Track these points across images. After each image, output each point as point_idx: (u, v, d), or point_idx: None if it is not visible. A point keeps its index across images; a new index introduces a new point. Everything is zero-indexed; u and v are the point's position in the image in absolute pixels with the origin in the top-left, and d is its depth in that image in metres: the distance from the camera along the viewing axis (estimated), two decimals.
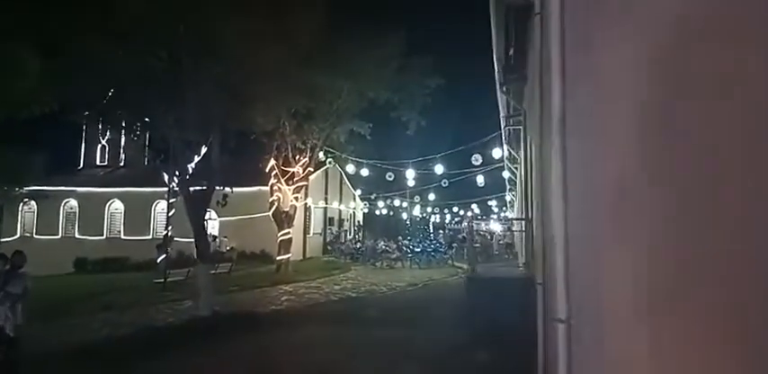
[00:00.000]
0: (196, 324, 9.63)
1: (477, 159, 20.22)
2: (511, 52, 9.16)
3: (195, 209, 10.63)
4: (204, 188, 10.75)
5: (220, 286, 15.69)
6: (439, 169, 23.01)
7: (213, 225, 29.78)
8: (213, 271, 19.09)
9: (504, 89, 11.64)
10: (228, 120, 11.27)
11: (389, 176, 26.78)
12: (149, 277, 17.65)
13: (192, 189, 10.76)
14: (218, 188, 11.55)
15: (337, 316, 10.95)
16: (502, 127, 16.64)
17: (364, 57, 18.20)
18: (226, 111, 11.02)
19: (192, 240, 12.00)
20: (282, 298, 13.94)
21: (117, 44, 9.93)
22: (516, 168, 21.68)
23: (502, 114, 15.15)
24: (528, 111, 10.82)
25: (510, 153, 18.78)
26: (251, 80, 10.89)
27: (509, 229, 30.32)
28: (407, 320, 9.82)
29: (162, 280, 16.37)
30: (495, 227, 51.68)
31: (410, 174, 24.88)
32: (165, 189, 17.60)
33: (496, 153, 18.76)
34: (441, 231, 39.58)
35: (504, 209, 50.90)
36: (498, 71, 10.88)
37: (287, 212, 21.81)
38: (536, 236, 7.56)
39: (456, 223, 54.45)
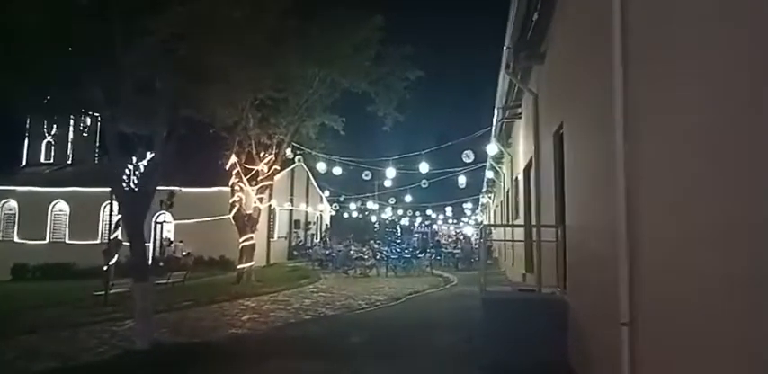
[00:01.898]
0: (128, 361, 7.41)
1: (468, 156, 18.33)
2: (535, 17, 7.36)
3: (131, 211, 8.44)
4: (137, 188, 8.55)
5: (172, 299, 13.74)
6: (424, 167, 20.87)
7: (168, 228, 27.68)
8: (165, 281, 16.93)
9: (511, 70, 9.87)
10: (178, 101, 9.11)
11: (366, 175, 24.77)
12: (95, 285, 15.47)
13: (126, 187, 8.53)
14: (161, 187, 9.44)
15: (313, 342, 8.93)
16: (495, 121, 14.87)
17: (339, 41, 16.36)
18: (173, 91, 8.89)
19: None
20: (244, 318, 11.81)
21: None
22: (500, 167, 20.02)
23: (498, 105, 13.38)
24: (541, 94, 9.16)
25: (499, 150, 17.03)
26: (207, 53, 8.83)
27: (489, 234, 28.61)
28: (403, 350, 7.88)
29: (103, 293, 14.15)
30: (468, 230, 50.46)
31: (390, 173, 22.72)
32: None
33: (490, 149, 16.85)
34: (416, 235, 37.84)
35: (475, 212, 49.53)
36: (508, 47, 9.10)
37: (250, 215, 19.66)
38: (580, 248, 5.75)
39: (426, 226, 53.05)
